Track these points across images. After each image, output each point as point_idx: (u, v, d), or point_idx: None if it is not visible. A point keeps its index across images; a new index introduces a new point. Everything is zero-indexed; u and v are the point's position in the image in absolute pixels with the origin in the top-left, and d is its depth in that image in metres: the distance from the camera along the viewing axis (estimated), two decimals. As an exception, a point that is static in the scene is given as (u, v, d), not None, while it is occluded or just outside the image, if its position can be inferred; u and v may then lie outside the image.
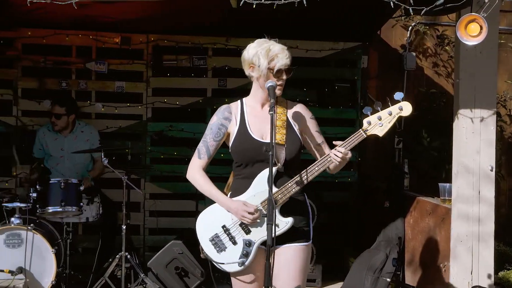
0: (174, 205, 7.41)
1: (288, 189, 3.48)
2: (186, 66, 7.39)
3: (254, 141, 3.56)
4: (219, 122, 3.69)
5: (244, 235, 3.54)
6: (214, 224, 3.62)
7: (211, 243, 3.59)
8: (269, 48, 3.55)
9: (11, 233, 5.45)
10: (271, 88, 3.50)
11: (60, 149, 6.64)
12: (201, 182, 3.71)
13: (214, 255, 3.59)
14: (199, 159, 3.73)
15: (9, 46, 7.16)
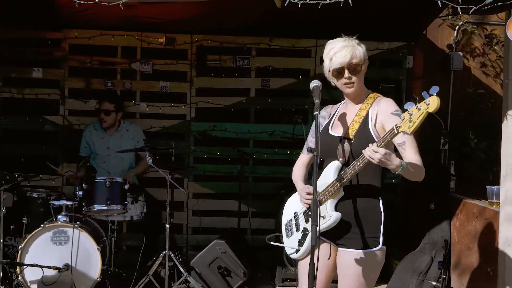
0: (217, 204, 7.43)
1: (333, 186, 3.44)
2: (229, 66, 7.41)
3: (329, 136, 3.62)
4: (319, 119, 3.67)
5: (304, 223, 3.62)
6: (290, 210, 3.79)
7: (285, 227, 3.78)
8: (331, 48, 3.56)
9: (58, 231, 5.53)
10: (315, 88, 3.48)
11: (106, 147, 6.73)
12: (295, 174, 3.85)
13: (285, 239, 3.77)
14: (302, 154, 3.91)
15: (57, 47, 7.28)
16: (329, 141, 3.58)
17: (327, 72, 3.61)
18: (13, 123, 7.24)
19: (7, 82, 7.24)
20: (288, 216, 3.77)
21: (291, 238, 3.69)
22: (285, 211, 3.83)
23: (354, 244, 3.49)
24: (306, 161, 3.86)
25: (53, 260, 5.45)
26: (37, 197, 6.09)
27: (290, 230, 3.72)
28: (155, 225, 6.60)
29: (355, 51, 3.52)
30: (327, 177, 3.52)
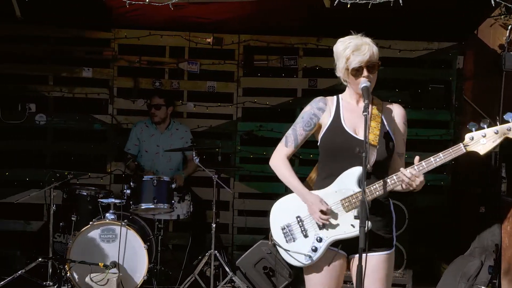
0: (263, 204, 7.38)
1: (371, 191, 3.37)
2: (276, 66, 7.40)
3: (346, 134, 3.45)
4: (311, 111, 3.56)
5: (316, 230, 3.44)
6: (289, 213, 3.54)
7: (282, 231, 3.51)
8: (346, 46, 3.41)
9: (106, 228, 5.60)
10: (365, 89, 3.38)
11: (156, 145, 6.79)
12: (282, 170, 3.62)
13: (282, 244, 3.51)
14: (285, 147, 3.64)
15: (106, 47, 7.38)
16: (345, 138, 3.44)
17: (341, 71, 3.45)
18: (64, 122, 7.36)
19: (58, 81, 7.38)
20: (285, 220, 3.52)
21: (293, 244, 3.48)
22: (279, 213, 3.58)
23: (376, 248, 3.41)
24: (289, 154, 3.64)
25: (101, 257, 5.53)
26: (86, 194, 6.18)
27: (291, 235, 3.51)
28: (201, 224, 6.63)
29: (372, 49, 3.39)
30: (350, 182, 3.39)
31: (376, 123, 3.45)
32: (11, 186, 7.29)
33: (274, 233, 3.55)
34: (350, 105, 3.54)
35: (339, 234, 3.38)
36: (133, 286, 5.57)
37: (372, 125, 3.42)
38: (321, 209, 3.38)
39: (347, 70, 3.42)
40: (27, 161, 7.34)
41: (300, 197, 3.51)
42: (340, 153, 3.45)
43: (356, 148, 3.27)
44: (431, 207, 7.26)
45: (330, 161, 3.50)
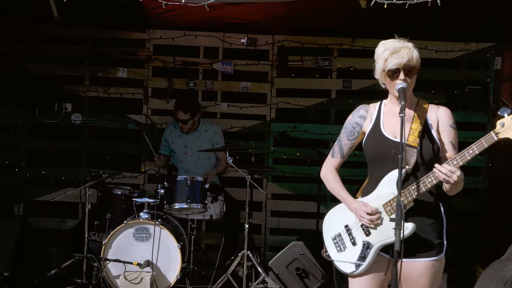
0: (296, 206, 7.41)
1: (410, 192, 3.33)
2: (310, 67, 7.38)
3: (385, 139, 3.44)
4: (354, 120, 3.61)
5: (364, 237, 3.45)
6: (338, 223, 3.58)
7: (333, 241, 3.56)
8: (385, 48, 3.40)
9: (140, 227, 5.63)
10: (401, 90, 3.35)
11: (184, 146, 6.82)
12: (330, 181, 3.65)
13: (334, 254, 3.55)
14: (332, 158, 3.68)
15: (141, 47, 7.43)
16: (384, 143, 3.43)
17: (379, 73, 3.43)
18: (99, 122, 7.44)
19: (94, 81, 7.46)
20: (335, 230, 3.57)
21: (344, 253, 3.51)
22: (329, 224, 3.62)
23: (425, 253, 3.37)
24: (337, 165, 3.67)
25: (135, 256, 5.56)
26: (120, 194, 6.24)
27: (342, 245, 3.54)
28: (234, 225, 6.63)
29: (412, 53, 3.37)
30: (391, 186, 3.36)
31: (418, 125, 3.42)
32: (47, 184, 7.42)
33: (326, 244, 3.61)
34: (391, 110, 3.52)
35: (385, 239, 3.36)
36: (166, 285, 5.59)
37: (413, 127, 3.41)
38: (366, 211, 3.39)
39: (384, 72, 3.40)
40: (63, 160, 7.44)
41: (347, 206, 3.55)
42: (380, 158, 3.46)
43: (392, 150, 3.25)
44: (466, 210, 7.17)
45: (373, 166, 3.53)
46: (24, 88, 7.35)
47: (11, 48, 7.30)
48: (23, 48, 7.31)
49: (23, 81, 7.33)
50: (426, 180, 3.29)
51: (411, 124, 3.42)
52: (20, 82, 7.32)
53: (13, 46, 7.30)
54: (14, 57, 7.32)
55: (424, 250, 3.37)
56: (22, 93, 7.36)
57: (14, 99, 7.34)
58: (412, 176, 3.38)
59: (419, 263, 3.36)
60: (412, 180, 3.37)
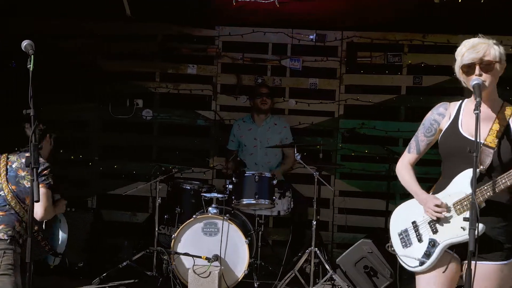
0: (364, 203, 7.34)
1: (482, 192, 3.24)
2: (380, 63, 7.28)
3: (461, 137, 3.37)
4: (432, 117, 3.56)
5: (430, 234, 3.40)
6: (406, 219, 3.56)
7: (399, 237, 3.55)
8: (464, 45, 3.34)
9: (208, 222, 5.70)
10: (476, 86, 3.26)
11: (254, 138, 6.86)
12: (404, 175, 3.62)
13: (399, 249, 3.54)
14: (408, 153, 3.65)
15: (210, 44, 7.51)
16: (460, 141, 3.35)
17: (457, 70, 3.38)
18: (169, 117, 7.57)
19: (164, 77, 7.59)
20: (402, 225, 3.55)
21: (409, 249, 3.48)
22: (397, 219, 3.61)
23: (492, 256, 3.27)
24: (412, 161, 3.63)
25: (203, 250, 5.63)
26: (190, 188, 6.33)
27: (407, 241, 3.51)
28: (301, 221, 6.62)
29: (490, 48, 3.27)
30: (463, 185, 3.30)
31: (499, 126, 3.33)
32: (119, 178, 7.59)
33: (392, 239, 3.60)
34: (471, 109, 3.39)
35: (452, 238, 3.31)
36: (234, 280, 5.64)
37: (493, 128, 3.33)
38: (435, 203, 3.35)
39: (459, 68, 3.34)
40: (134, 154, 7.60)
41: (417, 199, 3.53)
42: (454, 155, 3.39)
43: (467, 148, 3.18)
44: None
45: (447, 164, 3.47)
46: (97, 84, 7.55)
47: (84, 45, 7.51)
48: (96, 45, 7.51)
49: (96, 77, 7.53)
50: (501, 181, 3.19)
51: (491, 125, 3.33)
52: (93, 79, 7.53)
53: (86, 43, 7.51)
54: (87, 54, 7.53)
55: (493, 252, 3.27)
56: (95, 89, 7.57)
57: (88, 95, 7.57)
58: (486, 176, 3.29)
59: (486, 266, 3.26)
60: (485, 180, 3.28)
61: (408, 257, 3.47)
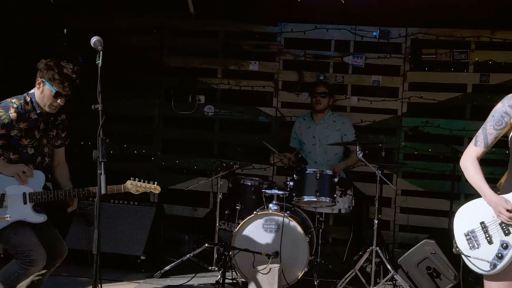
0: (427, 203, 7.21)
1: None
2: (445, 60, 7.13)
3: None
4: (503, 109, 3.41)
5: (502, 236, 3.30)
6: (473, 219, 3.44)
7: (466, 237, 3.42)
8: None
9: (269, 219, 5.69)
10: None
11: (312, 136, 6.82)
12: (470, 171, 3.50)
13: (466, 250, 3.41)
14: (474, 147, 3.52)
15: (273, 41, 7.51)
16: None
17: None
18: (230, 113, 7.61)
19: (226, 74, 7.63)
20: (469, 226, 3.41)
21: (477, 250, 3.36)
22: (462, 219, 3.47)
23: None
24: (479, 155, 3.49)
25: (263, 247, 5.63)
26: (250, 185, 6.34)
27: (475, 242, 3.37)
28: (362, 220, 6.56)
29: None
30: None
31: None
32: (180, 173, 7.68)
33: (457, 239, 3.46)
34: None
35: None
36: (294, 277, 5.62)
37: None
38: (507, 208, 3.25)
39: None
40: (195, 150, 7.67)
41: (485, 200, 3.41)
42: None
43: None
44: None
45: None
46: (161, 80, 7.66)
47: (149, 41, 7.64)
48: (160, 42, 7.61)
49: (160, 73, 7.64)
50: None
51: None
52: (157, 75, 7.64)
53: (150, 40, 7.63)
54: (152, 51, 7.64)
55: None
56: (159, 85, 7.67)
57: (152, 91, 7.68)
58: None
59: None
60: None
61: (477, 259, 3.36)
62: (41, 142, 4.44)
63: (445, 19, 6.83)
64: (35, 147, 4.40)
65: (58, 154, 4.65)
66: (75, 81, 4.28)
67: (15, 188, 4.31)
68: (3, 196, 4.28)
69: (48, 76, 4.26)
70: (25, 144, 4.34)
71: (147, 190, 4.60)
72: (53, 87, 4.25)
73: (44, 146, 4.47)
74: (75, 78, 4.27)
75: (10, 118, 4.25)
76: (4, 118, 4.24)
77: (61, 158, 4.69)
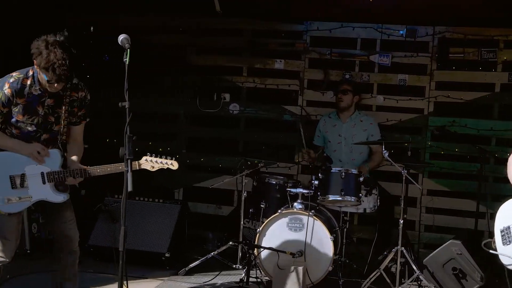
0: (453, 203, 7.14)
1: None
2: (473, 59, 7.06)
3: None
4: None
5: None
6: (509, 216, 3.40)
7: (501, 233, 3.43)
8: None
9: (293, 217, 5.68)
10: None
11: (338, 135, 6.79)
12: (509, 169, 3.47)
13: (499, 246, 3.42)
14: None
15: (298, 39, 7.49)
16: None
17: None
18: (255, 112, 7.61)
19: (252, 72, 7.63)
20: (506, 222, 3.45)
21: (509, 246, 3.34)
22: (502, 216, 3.51)
23: None
24: None
25: (288, 245, 5.61)
26: (275, 183, 6.33)
27: (508, 238, 3.35)
28: (387, 220, 6.51)
29: None
30: None
31: None
32: (205, 171, 7.70)
33: (495, 236, 3.47)
34: None
35: None
36: (318, 276, 5.59)
37: None
38: None
39: None
40: (220, 148, 7.69)
41: None
42: None
43: None
44: None
45: None
46: (186, 78, 7.68)
47: (173, 40, 7.67)
48: (185, 40, 7.64)
49: (185, 71, 7.67)
50: None
51: None
52: (182, 73, 7.67)
53: (176, 38, 7.66)
54: (177, 49, 7.67)
55: None
56: (185, 83, 7.70)
57: (177, 89, 7.71)
58: None
59: None
60: None
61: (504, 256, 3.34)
62: (47, 119, 4.27)
63: (473, 18, 6.76)
64: (37, 124, 4.25)
65: (74, 132, 4.48)
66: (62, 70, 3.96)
67: (34, 167, 4.26)
68: (23, 176, 4.24)
69: (37, 63, 4.03)
70: (22, 121, 4.20)
71: (164, 166, 4.40)
72: (44, 74, 4.05)
73: (51, 123, 4.31)
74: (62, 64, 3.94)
75: (5, 95, 4.12)
76: (1, 97, 4.12)
77: (77, 136, 4.51)
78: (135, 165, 4.24)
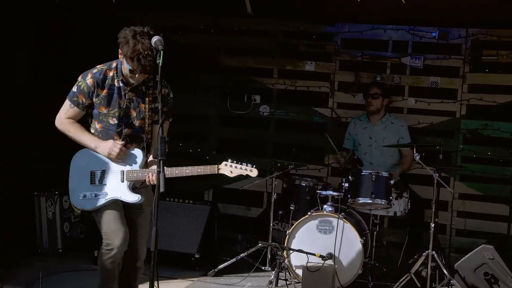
0: (485, 207, 7.04)
1: None
2: (507, 62, 6.95)
3: None
4: None
5: None
6: None
7: None
8: None
9: (323, 220, 5.68)
10: None
11: (369, 137, 6.77)
12: None
13: None
14: None
15: (329, 41, 7.47)
16: None
17: None
18: (285, 114, 7.60)
19: (282, 74, 7.63)
20: None
21: None
22: None
23: None
24: None
25: (317, 248, 5.61)
26: (305, 185, 6.33)
27: None
28: (418, 223, 6.46)
29: None
30: None
31: None
32: (235, 172, 7.70)
33: None
34: None
35: None
36: (348, 279, 5.59)
37: None
38: None
39: None
40: (250, 149, 7.70)
41: None
42: None
43: None
44: None
45: None
46: (217, 79, 7.71)
47: (206, 40, 7.70)
48: (217, 41, 7.67)
49: (216, 72, 7.70)
50: None
51: None
52: (213, 74, 7.70)
53: (208, 39, 7.69)
54: (208, 50, 7.70)
55: None
56: (215, 84, 7.73)
57: (208, 90, 7.75)
58: None
59: None
60: None
61: None
62: (128, 112, 4.19)
63: (507, 20, 6.66)
64: (119, 118, 4.17)
65: (155, 131, 4.30)
66: (148, 61, 3.90)
67: (115, 165, 4.18)
68: (104, 172, 4.17)
69: (123, 52, 3.98)
70: (104, 113, 4.16)
71: (243, 172, 4.28)
72: (128, 64, 3.99)
73: (133, 118, 4.22)
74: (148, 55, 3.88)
75: (88, 85, 4.10)
76: (83, 87, 4.10)
77: None
78: (213, 169, 4.17)
